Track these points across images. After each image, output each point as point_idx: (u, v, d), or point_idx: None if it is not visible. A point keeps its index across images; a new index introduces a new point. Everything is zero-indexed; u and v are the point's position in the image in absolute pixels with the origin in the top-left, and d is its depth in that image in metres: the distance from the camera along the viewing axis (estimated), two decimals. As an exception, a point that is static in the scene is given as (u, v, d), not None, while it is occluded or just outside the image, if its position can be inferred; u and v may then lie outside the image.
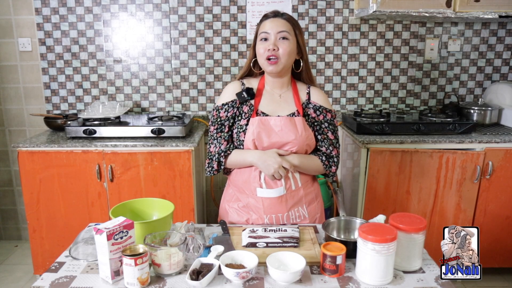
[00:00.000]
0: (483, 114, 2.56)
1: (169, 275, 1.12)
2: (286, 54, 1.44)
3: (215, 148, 1.53)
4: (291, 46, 1.45)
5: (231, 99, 1.52)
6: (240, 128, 1.49)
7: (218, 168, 1.53)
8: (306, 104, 1.54)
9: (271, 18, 1.47)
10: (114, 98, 2.85)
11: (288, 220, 1.52)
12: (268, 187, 1.48)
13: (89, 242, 1.27)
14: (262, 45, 1.45)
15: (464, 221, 2.37)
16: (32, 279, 2.56)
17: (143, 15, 2.73)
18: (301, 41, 1.49)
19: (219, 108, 1.53)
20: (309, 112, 1.53)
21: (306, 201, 1.54)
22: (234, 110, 1.52)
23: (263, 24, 1.47)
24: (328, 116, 1.54)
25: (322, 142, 1.54)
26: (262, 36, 1.45)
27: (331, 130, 1.54)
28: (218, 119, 1.53)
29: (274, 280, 1.09)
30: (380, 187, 2.32)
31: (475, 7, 2.37)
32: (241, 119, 1.50)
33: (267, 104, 1.52)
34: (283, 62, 1.45)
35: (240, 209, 1.55)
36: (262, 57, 1.45)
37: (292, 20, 1.48)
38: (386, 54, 2.81)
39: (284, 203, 1.49)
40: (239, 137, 1.49)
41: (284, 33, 1.44)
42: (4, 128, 2.90)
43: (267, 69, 1.47)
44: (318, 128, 1.54)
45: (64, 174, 2.28)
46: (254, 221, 1.52)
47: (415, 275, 1.13)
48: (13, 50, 2.77)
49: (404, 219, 1.15)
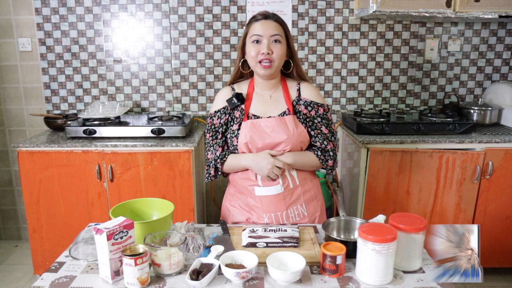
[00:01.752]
0: (483, 114, 2.56)
1: (169, 275, 1.12)
2: (279, 57, 1.45)
3: (212, 155, 1.55)
4: (283, 49, 1.46)
5: (223, 106, 1.54)
6: (232, 133, 1.51)
7: (215, 174, 1.55)
8: (297, 101, 1.54)
9: (262, 20, 1.47)
10: (114, 98, 2.85)
11: (288, 219, 1.52)
12: (265, 185, 1.49)
13: (89, 242, 1.27)
14: (254, 48, 1.45)
15: (464, 221, 2.37)
16: (32, 279, 2.56)
17: (143, 15, 2.73)
18: (291, 42, 1.51)
19: (212, 115, 1.56)
20: (300, 109, 1.53)
21: (305, 199, 1.55)
22: (226, 117, 1.53)
23: (253, 26, 1.47)
24: (320, 110, 1.54)
25: (316, 137, 1.53)
26: (254, 38, 1.45)
27: (324, 125, 1.54)
28: (212, 126, 1.55)
29: (274, 280, 1.09)
30: (380, 187, 2.32)
31: (475, 7, 2.37)
32: (233, 124, 1.52)
33: (258, 106, 1.53)
34: (276, 65, 1.46)
35: (241, 208, 1.57)
36: (254, 59, 1.46)
37: (282, 22, 1.49)
38: (386, 54, 2.81)
39: (282, 201, 1.50)
40: (232, 142, 1.51)
41: (277, 36, 1.44)
42: (4, 128, 2.90)
43: (259, 72, 1.47)
44: (311, 123, 1.53)
45: (64, 174, 2.28)
46: (255, 220, 1.53)
47: (415, 275, 1.13)
48: (13, 50, 2.77)
49: (404, 219, 1.15)
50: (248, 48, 1.47)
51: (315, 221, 1.58)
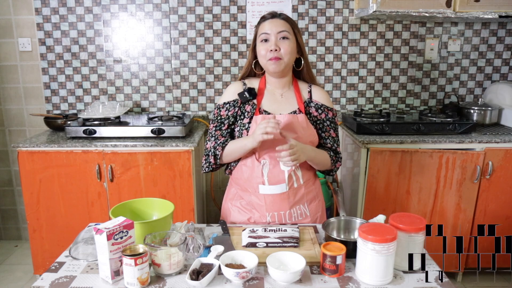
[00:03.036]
0: (483, 114, 2.56)
1: (169, 275, 1.12)
2: (288, 53, 1.46)
3: (211, 144, 1.53)
4: (292, 45, 1.47)
5: (233, 99, 1.54)
6: (243, 126, 1.50)
7: (215, 162, 1.52)
8: (308, 102, 1.55)
9: (269, 19, 1.49)
10: (114, 98, 2.85)
11: (290, 218, 1.52)
12: (270, 184, 1.48)
13: (89, 242, 1.27)
14: (263, 46, 1.47)
15: (464, 221, 2.37)
16: (32, 279, 2.56)
17: (143, 15, 2.73)
18: (300, 40, 1.52)
19: (220, 106, 1.55)
20: (311, 111, 1.54)
21: (308, 199, 1.56)
22: (236, 110, 1.53)
23: (262, 25, 1.49)
24: (329, 114, 1.57)
25: (327, 139, 1.57)
26: (262, 37, 1.47)
27: (333, 128, 1.58)
28: (218, 117, 1.54)
29: (274, 280, 1.09)
30: (380, 187, 2.32)
31: (475, 7, 2.37)
32: (243, 118, 1.52)
33: (269, 103, 1.54)
34: (286, 61, 1.46)
35: (242, 207, 1.56)
36: (264, 58, 1.47)
37: (290, 20, 1.50)
38: (386, 54, 2.81)
39: (286, 200, 1.50)
40: (242, 135, 1.50)
41: (284, 32, 1.46)
42: (4, 128, 2.90)
43: (269, 68, 1.48)
44: (321, 126, 1.56)
45: (64, 174, 2.28)
46: (257, 219, 1.53)
47: (415, 275, 1.13)
48: (13, 50, 2.77)
49: (404, 219, 1.15)
50: (258, 47, 1.49)
51: (317, 221, 1.59)
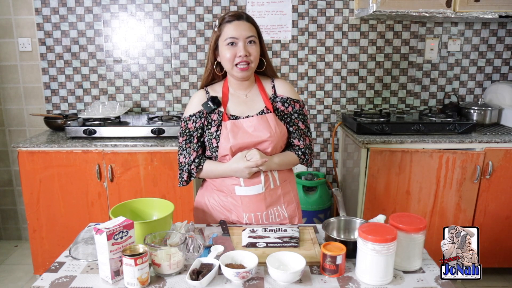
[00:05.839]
0: (483, 114, 2.56)
1: (169, 275, 1.12)
2: (256, 58, 1.45)
3: (184, 159, 1.52)
4: (258, 49, 1.46)
5: (198, 110, 1.51)
6: (211, 135, 1.48)
7: (187, 180, 1.52)
8: (274, 98, 1.53)
9: (235, 21, 1.43)
10: (114, 98, 2.85)
11: (268, 219, 1.52)
12: (246, 185, 1.48)
13: (89, 242, 1.27)
14: (230, 50, 1.42)
15: (464, 221, 2.37)
16: (32, 279, 2.56)
17: (143, 15, 2.73)
18: (262, 41, 1.50)
19: (186, 119, 1.52)
20: (277, 106, 1.53)
21: (285, 200, 1.55)
22: (202, 120, 1.50)
23: (227, 27, 1.43)
24: (296, 106, 1.54)
25: (295, 133, 1.54)
26: (228, 41, 1.42)
27: (301, 120, 1.55)
28: (186, 130, 1.51)
29: (274, 280, 1.09)
30: (380, 187, 2.32)
31: (475, 7, 2.37)
32: (210, 127, 1.49)
33: (235, 106, 1.51)
34: (253, 66, 1.46)
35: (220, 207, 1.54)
36: (230, 62, 1.43)
37: (254, 22, 1.47)
38: (386, 54, 2.81)
39: (263, 201, 1.49)
40: (212, 144, 1.48)
41: (252, 37, 1.43)
42: (4, 128, 2.90)
43: (237, 75, 1.46)
44: (289, 120, 1.53)
45: (64, 174, 2.28)
46: (233, 220, 1.52)
47: (415, 275, 1.13)
48: (13, 50, 2.77)
49: (404, 219, 1.15)
50: (223, 51, 1.44)
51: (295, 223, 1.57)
